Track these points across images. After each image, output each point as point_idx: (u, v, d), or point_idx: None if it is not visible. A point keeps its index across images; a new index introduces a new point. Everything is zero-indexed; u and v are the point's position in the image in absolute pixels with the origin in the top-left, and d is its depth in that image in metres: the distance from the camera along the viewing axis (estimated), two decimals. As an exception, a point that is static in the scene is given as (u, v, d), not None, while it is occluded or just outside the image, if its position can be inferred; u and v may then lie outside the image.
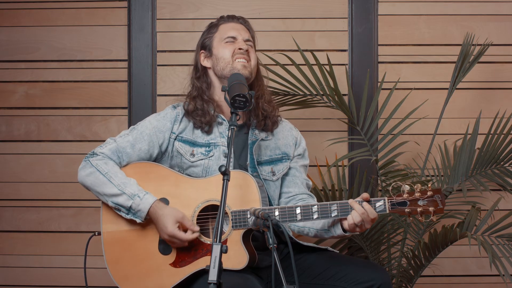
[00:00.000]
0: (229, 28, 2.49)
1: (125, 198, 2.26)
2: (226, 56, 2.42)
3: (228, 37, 2.46)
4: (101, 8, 3.32)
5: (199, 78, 2.49)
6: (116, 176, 2.30)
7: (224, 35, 2.47)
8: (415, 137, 3.22)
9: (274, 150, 2.48)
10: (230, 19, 2.53)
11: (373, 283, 2.21)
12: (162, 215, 2.23)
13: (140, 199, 2.25)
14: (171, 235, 2.21)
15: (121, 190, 2.27)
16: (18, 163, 3.32)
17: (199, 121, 2.41)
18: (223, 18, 2.55)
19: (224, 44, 2.45)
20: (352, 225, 2.17)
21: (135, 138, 2.39)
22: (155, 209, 2.25)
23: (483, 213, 2.97)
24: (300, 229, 2.43)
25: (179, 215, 2.23)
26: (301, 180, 2.51)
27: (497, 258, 2.54)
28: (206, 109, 2.42)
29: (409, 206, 2.15)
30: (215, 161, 2.38)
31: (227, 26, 2.50)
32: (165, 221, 2.22)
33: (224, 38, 2.46)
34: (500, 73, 3.32)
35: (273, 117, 2.49)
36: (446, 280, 3.32)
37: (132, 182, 2.30)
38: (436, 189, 2.15)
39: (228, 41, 2.45)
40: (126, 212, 2.28)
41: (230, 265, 2.18)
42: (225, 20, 2.52)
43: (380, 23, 3.30)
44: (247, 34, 2.50)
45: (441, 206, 2.14)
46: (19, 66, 3.33)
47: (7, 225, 3.32)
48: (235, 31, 2.48)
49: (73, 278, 3.30)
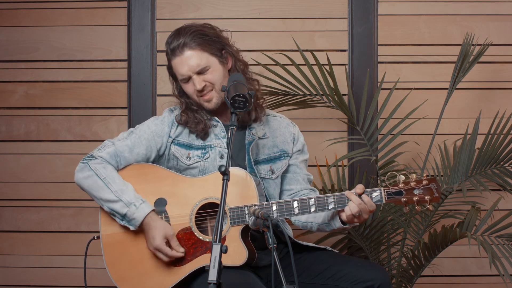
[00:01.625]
0: (178, 66, 2.36)
1: (121, 205, 2.27)
2: (191, 94, 2.39)
3: (182, 78, 2.37)
4: (101, 8, 3.32)
5: (180, 95, 2.46)
6: (114, 182, 2.30)
7: (178, 75, 2.38)
8: (415, 137, 3.22)
9: (272, 148, 2.47)
10: (173, 53, 2.35)
11: (373, 283, 2.21)
12: (154, 227, 2.25)
13: (136, 208, 2.26)
14: (157, 248, 2.24)
15: (118, 197, 2.27)
16: (18, 163, 3.32)
17: (194, 129, 2.41)
18: (169, 43, 2.37)
19: (183, 84, 2.39)
20: (350, 216, 2.18)
21: (133, 143, 2.39)
22: (149, 220, 2.26)
23: (483, 213, 2.97)
24: (303, 224, 2.45)
25: (169, 232, 2.26)
26: (302, 176, 2.51)
27: (497, 258, 2.54)
28: (198, 118, 2.41)
29: (405, 196, 2.18)
30: (211, 162, 2.38)
31: (175, 63, 2.36)
32: (155, 233, 2.24)
33: (179, 80, 2.39)
34: (500, 73, 3.32)
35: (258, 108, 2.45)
36: (446, 280, 3.32)
37: (130, 188, 2.30)
38: (431, 178, 2.18)
39: (184, 82, 2.38)
40: (121, 218, 2.29)
41: (229, 261, 2.19)
42: (170, 52, 2.37)
43: (380, 23, 3.30)
44: (195, 62, 2.33)
45: (436, 194, 2.17)
46: (19, 66, 3.33)
47: (7, 225, 3.32)
48: (183, 67, 2.34)
49: (73, 278, 3.30)
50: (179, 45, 2.33)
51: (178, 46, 2.33)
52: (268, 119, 2.52)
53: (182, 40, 2.33)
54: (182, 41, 2.33)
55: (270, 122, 2.51)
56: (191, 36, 2.33)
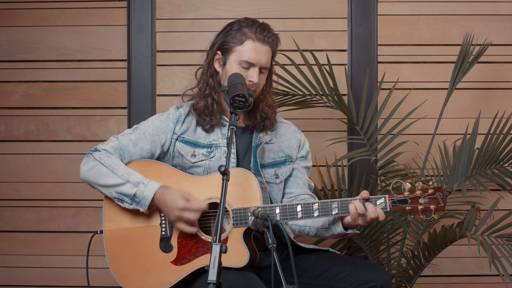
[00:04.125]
0: (252, 51, 2.33)
1: (130, 186, 2.26)
2: None
3: (245, 61, 2.33)
4: (100, 8, 3.32)
5: (212, 76, 2.42)
6: (119, 167, 2.31)
7: (243, 56, 2.33)
8: (414, 137, 3.23)
9: (278, 153, 2.48)
10: (260, 37, 2.34)
11: (373, 284, 2.21)
12: (169, 194, 2.24)
13: (145, 185, 2.25)
14: (182, 207, 2.21)
15: (125, 179, 2.27)
16: (17, 163, 3.32)
17: (202, 120, 2.40)
18: (254, 27, 2.36)
19: (237, 66, 2.34)
20: (355, 214, 2.15)
21: (137, 137, 2.39)
22: (159, 194, 2.24)
23: (483, 213, 2.97)
24: (301, 228, 2.44)
25: (184, 191, 2.24)
26: (303, 181, 2.51)
27: (496, 258, 2.54)
28: (215, 110, 2.40)
29: (410, 204, 2.15)
30: (216, 162, 2.38)
31: (252, 46, 2.33)
32: (173, 197, 2.22)
33: (241, 60, 2.34)
34: (499, 73, 3.32)
35: (272, 119, 2.48)
36: (446, 280, 3.32)
37: (135, 172, 2.31)
38: (437, 187, 2.15)
39: (243, 66, 2.34)
40: (130, 201, 2.27)
41: (231, 262, 2.19)
42: (254, 35, 2.34)
43: (380, 23, 3.30)
44: (266, 59, 2.36)
45: (442, 204, 2.14)
46: (19, 66, 3.32)
47: (7, 225, 3.32)
48: (256, 56, 2.33)
49: (72, 278, 3.30)
50: (266, 37, 2.35)
51: (265, 37, 2.35)
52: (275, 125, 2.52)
53: (269, 36, 2.37)
54: (269, 36, 2.36)
55: (277, 128, 2.52)
56: (275, 40, 2.40)
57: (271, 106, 2.47)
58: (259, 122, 2.44)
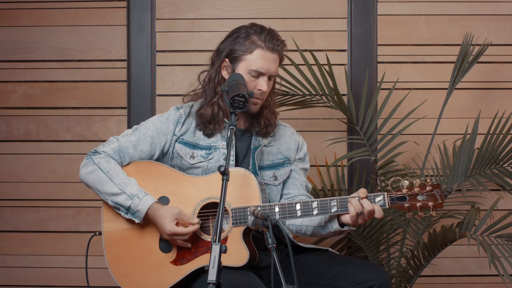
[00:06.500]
0: (262, 60, 2.31)
1: (125, 197, 2.26)
2: None
3: (255, 71, 2.31)
4: (100, 8, 3.32)
5: (220, 84, 2.39)
6: (117, 175, 2.30)
7: (253, 65, 2.31)
8: (414, 137, 3.23)
9: (276, 155, 2.48)
10: (269, 45, 2.32)
11: (373, 284, 2.21)
12: (159, 215, 2.24)
13: (139, 200, 2.25)
14: (170, 233, 2.22)
15: (121, 190, 2.27)
16: (17, 163, 3.32)
17: (205, 127, 2.39)
18: (262, 35, 2.33)
19: (246, 74, 2.32)
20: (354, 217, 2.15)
21: (137, 139, 2.39)
22: (152, 210, 2.25)
23: (482, 213, 2.97)
24: (297, 228, 2.44)
25: (175, 212, 2.23)
26: (300, 182, 2.51)
27: (496, 258, 2.54)
28: (220, 118, 2.39)
29: (409, 201, 2.16)
30: (214, 163, 2.38)
31: (262, 55, 2.31)
32: (163, 221, 2.22)
33: (250, 70, 2.32)
34: (499, 73, 3.32)
35: (273, 125, 2.48)
36: (446, 280, 3.32)
37: (133, 182, 2.31)
38: (435, 184, 2.16)
39: (253, 74, 2.32)
40: (125, 212, 2.29)
41: (231, 262, 2.19)
42: (263, 43, 2.32)
43: (380, 23, 3.30)
44: (275, 67, 2.35)
45: (440, 201, 2.15)
46: (19, 66, 3.33)
47: (7, 225, 3.32)
48: (266, 65, 2.32)
49: (72, 278, 3.30)
50: (275, 45, 2.34)
51: (274, 45, 2.34)
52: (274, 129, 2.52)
53: (278, 44, 2.35)
54: (278, 45, 2.35)
55: (275, 131, 2.52)
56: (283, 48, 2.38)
57: (274, 112, 2.48)
58: (262, 128, 2.44)
